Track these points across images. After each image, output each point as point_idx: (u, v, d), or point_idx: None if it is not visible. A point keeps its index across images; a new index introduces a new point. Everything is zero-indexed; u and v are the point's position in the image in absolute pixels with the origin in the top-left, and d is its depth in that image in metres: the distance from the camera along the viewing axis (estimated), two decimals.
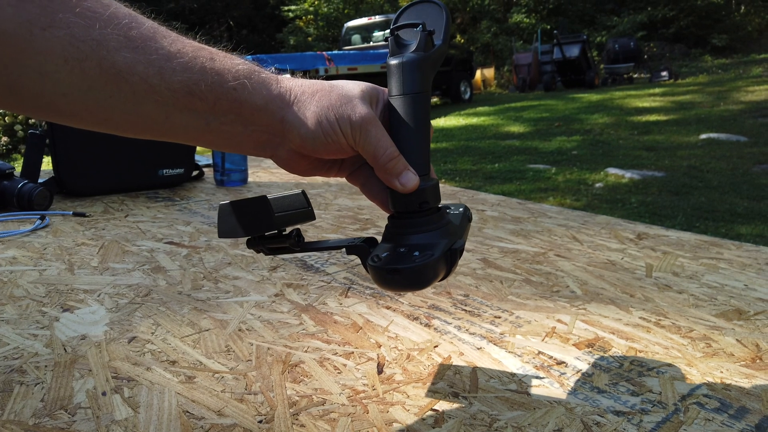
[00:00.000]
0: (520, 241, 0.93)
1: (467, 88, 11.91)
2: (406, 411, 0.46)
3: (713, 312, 0.64)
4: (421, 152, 0.44)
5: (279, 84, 0.44)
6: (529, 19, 18.66)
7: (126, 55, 0.38)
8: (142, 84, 0.39)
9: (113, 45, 0.38)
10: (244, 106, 0.42)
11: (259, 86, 0.43)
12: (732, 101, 8.05)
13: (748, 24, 18.22)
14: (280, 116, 0.43)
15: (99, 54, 0.37)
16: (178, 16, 17.22)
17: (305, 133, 0.43)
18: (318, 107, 0.43)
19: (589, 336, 0.59)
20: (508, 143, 6.10)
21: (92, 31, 0.37)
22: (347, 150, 0.44)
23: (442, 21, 0.46)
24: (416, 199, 0.43)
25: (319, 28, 19.25)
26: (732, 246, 0.88)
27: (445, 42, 0.45)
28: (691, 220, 3.15)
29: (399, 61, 0.44)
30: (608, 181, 4.18)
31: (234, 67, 0.42)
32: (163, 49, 0.40)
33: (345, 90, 0.44)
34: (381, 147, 0.43)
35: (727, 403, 0.46)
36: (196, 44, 0.42)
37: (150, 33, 0.40)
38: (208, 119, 0.42)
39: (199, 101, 0.41)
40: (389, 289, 0.43)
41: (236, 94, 0.42)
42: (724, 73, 12.91)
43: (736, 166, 4.41)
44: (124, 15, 0.39)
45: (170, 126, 0.42)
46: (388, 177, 0.43)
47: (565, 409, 0.46)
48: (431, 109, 0.79)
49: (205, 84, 0.41)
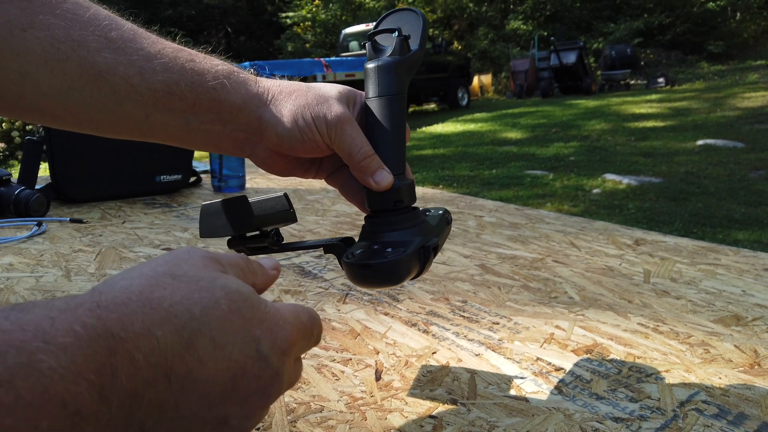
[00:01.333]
0: (518, 247, 0.93)
1: (464, 95, 11.96)
2: (405, 418, 0.46)
3: (711, 318, 0.64)
4: (396, 152, 0.46)
5: (257, 84, 0.44)
6: (526, 25, 18.74)
7: (106, 55, 0.38)
8: (123, 84, 0.39)
9: (94, 46, 0.38)
10: (223, 105, 0.43)
11: (237, 86, 0.43)
12: (729, 107, 8.08)
13: (744, 31, 18.31)
14: (258, 114, 0.44)
15: (79, 54, 0.38)
16: (175, 23, 17.26)
17: (282, 131, 0.43)
18: (294, 106, 0.43)
19: (588, 342, 0.59)
20: (506, 149, 6.12)
21: (72, 32, 0.37)
22: (323, 148, 0.44)
23: (419, 27, 0.47)
24: (391, 198, 0.45)
25: (317, 35, 19.31)
26: (729, 252, 0.88)
27: (422, 47, 0.47)
28: (688, 226, 3.16)
29: (375, 64, 0.45)
30: (606, 187, 4.18)
31: (213, 67, 0.43)
32: (143, 50, 0.40)
33: (322, 90, 0.44)
34: (356, 145, 0.43)
35: (726, 409, 0.46)
36: (175, 46, 0.43)
37: (130, 35, 0.40)
38: (187, 118, 0.43)
39: (179, 101, 0.41)
40: (362, 285, 0.44)
41: (215, 93, 0.42)
42: (721, 80, 12.97)
43: (733, 172, 4.42)
44: (104, 17, 0.40)
45: (150, 125, 0.42)
46: (363, 175, 0.44)
47: (564, 416, 0.46)
48: (432, 114, 0.79)
49: (185, 83, 0.41)
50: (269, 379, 0.29)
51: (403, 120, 0.46)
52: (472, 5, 19.62)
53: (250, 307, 0.29)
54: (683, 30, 18.15)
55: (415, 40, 0.47)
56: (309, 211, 1.22)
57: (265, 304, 0.30)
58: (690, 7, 18.15)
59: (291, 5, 20.56)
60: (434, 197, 1.37)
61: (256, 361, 0.28)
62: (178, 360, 0.26)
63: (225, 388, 0.27)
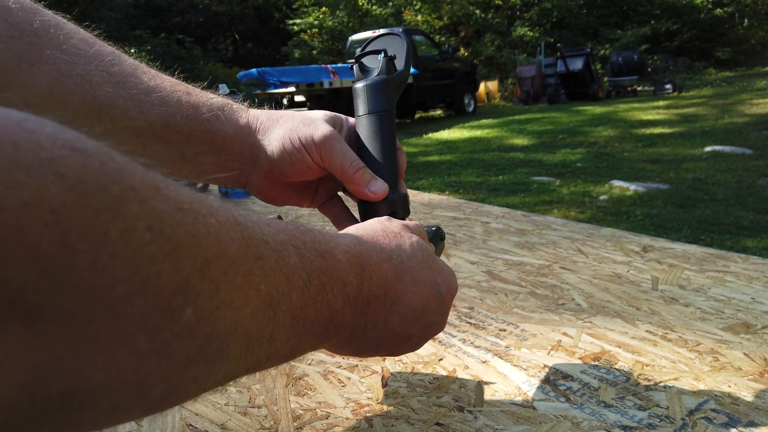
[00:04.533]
0: (524, 254, 0.92)
1: (471, 101, 11.95)
2: (411, 425, 0.46)
3: (720, 325, 0.64)
4: (388, 166, 0.47)
5: (248, 113, 0.47)
6: (532, 32, 18.75)
7: (108, 89, 0.41)
8: (122, 117, 0.41)
9: (96, 80, 0.40)
10: (217, 136, 0.45)
11: (230, 117, 0.45)
12: (737, 114, 8.04)
13: (751, 37, 18.25)
14: (249, 143, 0.46)
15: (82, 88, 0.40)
16: (184, 30, 17.38)
17: (272, 156, 0.45)
18: (283, 130, 0.45)
19: (595, 349, 0.59)
20: (513, 156, 6.11)
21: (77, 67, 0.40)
22: (315, 169, 0.46)
23: (404, 49, 0.50)
24: (385, 211, 0.46)
25: (324, 42, 19.40)
26: (738, 259, 0.87)
27: (407, 67, 0.50)
28: (696, 233, 3.14)
29: (364, 83, 0.48)
30: (613, 193, 4.17)
31: (208, 100, 0.45)
32: (142, 84, 0.42)
33: (308, 114, 0.47)
34: (347, 159, 0.45)
35: (736, 418, 0.46)
36: (173, 80, 0.45)
37: (131, 69, 0.43)
38: (183, 149, 0.45)
39: (175, 133, 0.43)
40: None
41: (210, 125, 0.44)
42: (728, 86, 12.92)
43: (741, 179, 4.39)
44: (108, 53, 0.42)
45: (148, 156, 0.45)
46: (358, 187, 0.45)
47: (572, 424, 0.45)
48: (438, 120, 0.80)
49: (180, 116, 0.43)
50: (443, 314, 0.40)
51: (394, 135, 0.48)
52: (478, 12, 19.66)
53: (434, 260, 0.40)
54: (690, 36, 18.10)
55: (400, 60, 0.50)
56: (316, 216, 1.22)
57: (439, 259, 0.41)
58: (697, 14, 18.11)
59: (298, 12, 20.67)
60: (441, 203, 1.37)
61: (437, 299, 0.39)
62: (391, 287, 0.36)
63: (415, 314, 0.37)
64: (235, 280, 0.23)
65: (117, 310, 0.18)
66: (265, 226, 0.28)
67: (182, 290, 0.20)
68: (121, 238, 0.18)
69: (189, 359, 0.21)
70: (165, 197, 0.20)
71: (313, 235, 0.32)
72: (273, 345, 0.27)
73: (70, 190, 0.16)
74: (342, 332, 0.34)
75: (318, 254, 0.31)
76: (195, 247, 0.21)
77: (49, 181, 0.16)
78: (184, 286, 0.20)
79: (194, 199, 0.22)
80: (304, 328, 0.29)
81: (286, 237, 0.29)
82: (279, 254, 0.27)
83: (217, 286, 0.22)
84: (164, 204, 0.20)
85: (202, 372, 0.22)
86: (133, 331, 0.18)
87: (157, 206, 0.19)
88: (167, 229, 0.19)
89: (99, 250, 0.17)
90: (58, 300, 0.16)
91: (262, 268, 0.26)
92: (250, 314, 0.24)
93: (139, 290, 0.18)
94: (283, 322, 0.27)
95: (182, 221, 0.20)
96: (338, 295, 0.32)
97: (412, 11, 20.40)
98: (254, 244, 0.26)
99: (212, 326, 0.22)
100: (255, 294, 0.25)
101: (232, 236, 0.24)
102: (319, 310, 0.30)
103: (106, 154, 0.19)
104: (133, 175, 0.19)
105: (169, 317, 0.20)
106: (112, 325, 0.18)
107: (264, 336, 0.26)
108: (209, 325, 0.22)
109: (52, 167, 0.16)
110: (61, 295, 0.16)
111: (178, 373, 0.21)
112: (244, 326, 0.24)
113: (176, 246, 0.20)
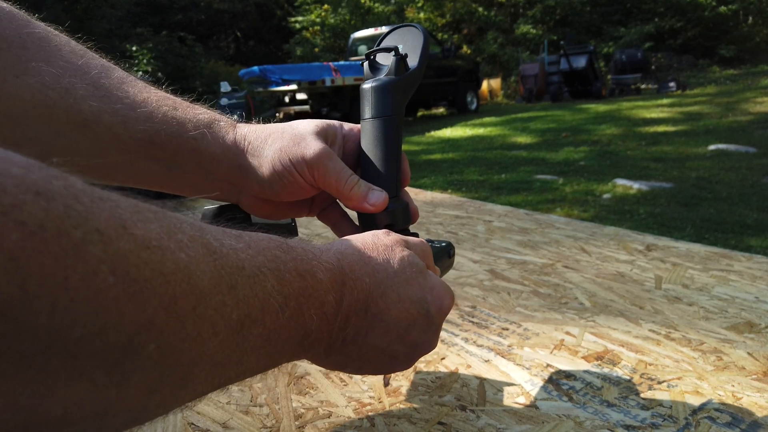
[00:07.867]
0: (527, 253, 0.92)
1: (474, 99, 11.93)
2: (413, 424, 0.45)
3: (724, 325, 0.64)
4: (390, 174, 0.45)
5: (235, 132, 0.44)
6: (535, 30, 18.72)
7: (92, 103, 0.39)
8: (107, 132, 0.40)
9: (81, 93, 0.39)
10: (204, 156, 0.43)
11: (216, 136, 0.43)
12: (741, 112, 8.01)
13: (756, 35, 18.18)
14: (237, 164, 0.44)
15: (66, 102, 0.39)
16: (185, 28, 17.38)
17: (262, 179, 0.43)
18: (272, 151, 0.43)
19: (598, 349, 0.59)
20: (515, 154, 6.10)
21: (63, 80, 0.39)
22: (307, 189, 0.44)
23: (419, 44, 0.47)
24: (383, 221, 0.44)
25: (326, 39, 19.38)
26: (742, 258, 0.87)
27: (420, 65, 0.47)
28: (700, 232, 3.13)
29: (371, 85, 0.45)
30: (616, 192, 4.16)
31: (195, 116, 0.43)
32: (128, 98, 0.41)
33: (298, 130, 0.44)
34: (342, 178, 0.43)
35: (739, 418, 0.46)
36: (162, 94, 0.43)
37: (118, 83, 0.41)
38: (170, 166, 0.43)
39: (160, 150, 0.42)
40: None
41: (196, 143, 0.42)
42: (733, 84, 12.87)
43: (745, 178, 4.38)
44: (95, 66, 0.41)
45: (135, 172, 0.43)
46: (357, 203, 0.44)
47: (575, 423, 0.45)
48: (441, 118, 0.79)
49: (165, 133, 0.41)
50: (431, 333, 0.39)
51: (399, 141, 0.46)
52: (481, 9, 19.63)
53: (424, 277, 0.38)
54: (694, 34, 18.05)
55: (414, 57, 0.47)
56: None
57: (433, 276, 0.40)
58: (701, 11, 18.05)
59: (300, 10, 20.65)
60: (443, 202, 1.37)
61: (424, 317, 0.37)
62: (373, 301, 0.35)
63: (400, 331, 0.36)
64: (206, 313, 0.23)
65: (75, 350, 0.18)
66: (242, 250, 0.27)
67: (146, 329, 0.20)
68: (83, 282, 0.17)
69: (151, 389, 0.21)
70: (131, 237, 0.20)
71: (296, 253, 0.31)
72: (242, 366, 0.27)
73: (29, 237, 0.16)
74: (317, 347, 0.33)
75: (298, 275, 0.30)
76: (162, 285, 0.21)
77: (9, 229, 0.16)
78: (147, 325, 0.20)
79: (164, 234, 0.22)
80: (276, 348, 0.29)
81: (264, 259, 0.28)
82: (255, 279, 0.27)
83: (183, 322, 0.22)
84: (130, 244, 0.20)
85: (167, 398, 0.23)
86: (91, 368, 0.18)
87: (123, 247, 0.19)
88: (132, 269, 0.19)
89: (58, 295, 0.17)
90: (15, 341, 0.16)
91: (234, 297, 0.25)
92: (218, 344, 0.24)
93: (99, 331, 0.18)
94: (254, 345, 0.27)
95: (149, 260, 0.20)
96: (314, 315, 0.31)
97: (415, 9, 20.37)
98: (228, 273, 0.25)
99: (176, 357, 0.22)
100: (225, 324, 0.25)
101: (203, 269, 0.23)
102: (294, 329, 0.30)
103: (72, 196, 0.18)
104: (98, 216, 0.19)
105: (130, 353, 0.19)
106: (70, 363, 0.18)
107: (232, 360, 0.26)
108: (173, 356, 0.22)
109: (14, 214, 0.16)
110: (19, 337, 0.16)
111: (141, 401, 0.21)
112: (210, 355, 0.24)
113: (142, 287, 0.20)
